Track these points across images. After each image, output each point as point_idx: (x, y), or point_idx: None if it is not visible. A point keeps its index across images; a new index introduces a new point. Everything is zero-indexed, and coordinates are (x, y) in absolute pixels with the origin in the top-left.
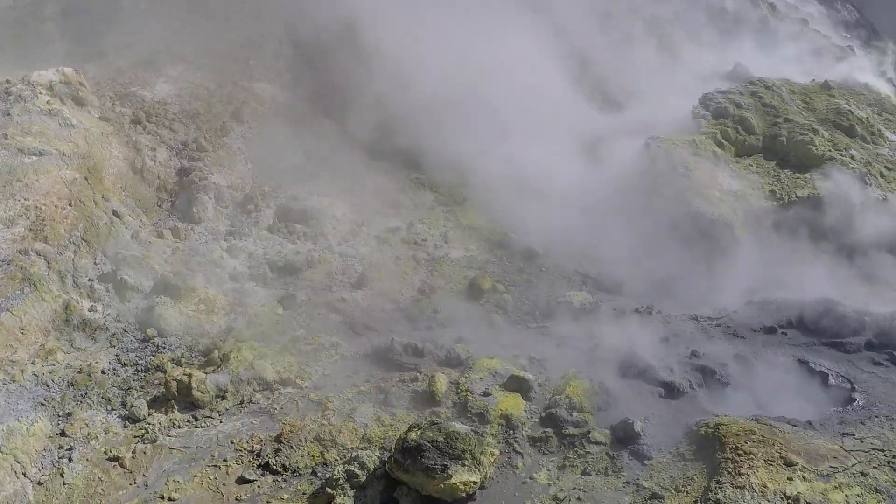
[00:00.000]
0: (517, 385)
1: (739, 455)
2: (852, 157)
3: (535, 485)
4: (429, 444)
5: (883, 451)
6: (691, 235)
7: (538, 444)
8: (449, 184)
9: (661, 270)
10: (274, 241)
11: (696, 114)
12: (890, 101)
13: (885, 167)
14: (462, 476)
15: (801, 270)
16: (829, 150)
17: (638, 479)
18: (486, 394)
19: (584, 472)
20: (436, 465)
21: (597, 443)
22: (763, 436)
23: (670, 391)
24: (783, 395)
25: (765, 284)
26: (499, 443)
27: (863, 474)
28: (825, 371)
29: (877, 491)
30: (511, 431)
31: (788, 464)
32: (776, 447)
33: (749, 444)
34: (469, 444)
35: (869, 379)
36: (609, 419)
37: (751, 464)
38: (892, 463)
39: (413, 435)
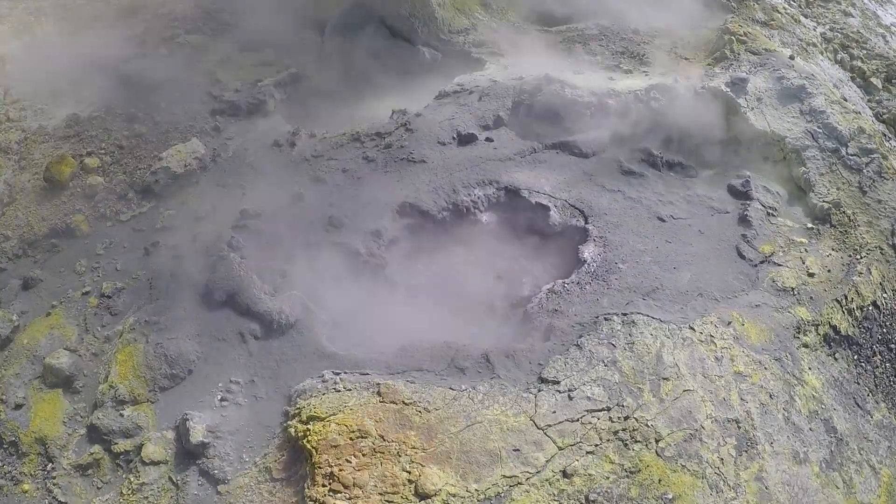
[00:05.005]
0: (54, 378)
1: (335, 492)
2: None
3: None
4: None
5: (607, 409)
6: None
7: (88, 474)
8: None
9: (334, 66)
10: None
11: None
12: None
13: None
14: None
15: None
16: None
17: None
18: (18, 406)
19: None
20: None
21: (154, 462)
22: (382, 436)
23: (268, 328)
24: (468, 281)
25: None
26: (38, 489)
27: (566, 475)
28: (545, 203)
29: (588, 503)
30: (50, 465)
31: (423, 495)
32: (403, 458)
33: (355, 462)
34: None
35: (611, 206)
36: (176, 406)
37: None
38: (622, 434)
39: None
